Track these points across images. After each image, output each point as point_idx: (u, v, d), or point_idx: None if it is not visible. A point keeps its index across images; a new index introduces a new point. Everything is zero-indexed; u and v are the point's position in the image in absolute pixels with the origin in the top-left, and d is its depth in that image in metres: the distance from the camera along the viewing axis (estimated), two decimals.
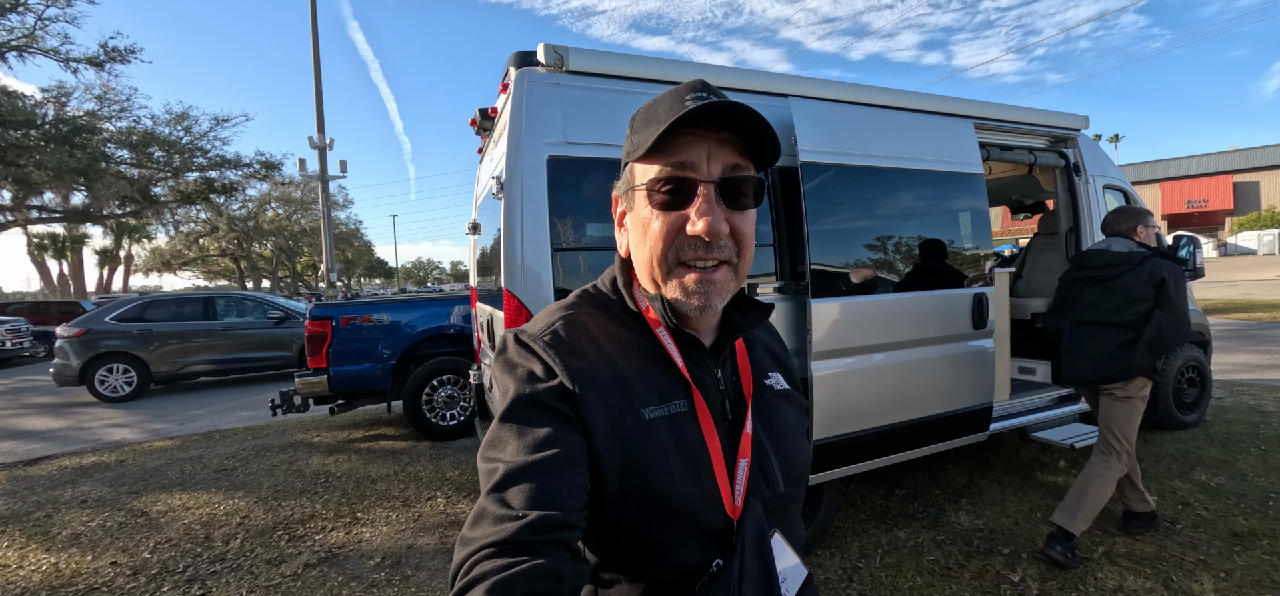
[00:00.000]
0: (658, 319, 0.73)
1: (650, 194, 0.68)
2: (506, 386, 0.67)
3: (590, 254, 2.39)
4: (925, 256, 3.01)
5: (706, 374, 0.74)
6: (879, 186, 2.87)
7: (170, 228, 31.34)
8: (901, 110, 3.07)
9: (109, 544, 3.48)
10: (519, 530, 0.56)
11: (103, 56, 18.63)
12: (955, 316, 3.07)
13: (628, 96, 2.50)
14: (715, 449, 0.70)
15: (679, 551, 0.68)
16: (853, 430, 2.76)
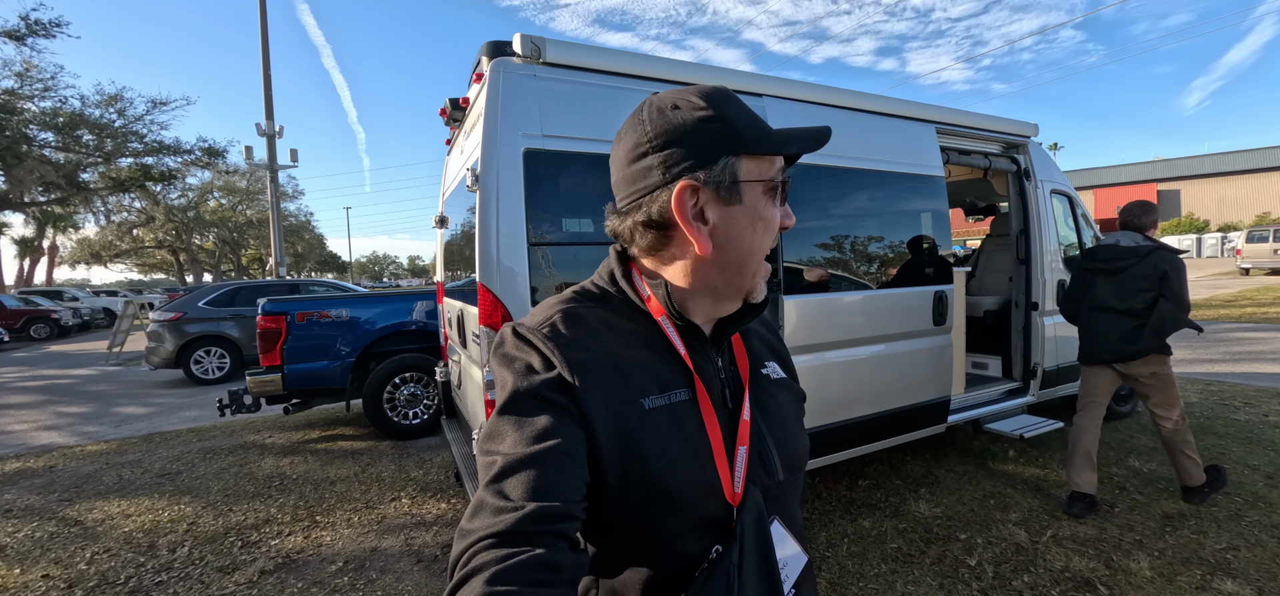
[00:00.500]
0: (661, 308, 0.73)
1: (771, 190, 0.69)
2: (505, 379, 0.67)
3: (566, 249, 2.37)
4: (895, 254, 3.12)
5: (707, 362, 0.75)
6: (847, 186, 2.95)
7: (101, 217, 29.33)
8: (870, 113, 3.17)
9: (40, 556, 3.23)
10: (517, 521, 0.57)
11: (23, 29, 17.24)
12: (918, 313, 3.19)
13: (605, 91, 2.49)
14: (716, 436, 0.70)
15: (680, 540, 0.68)
16: (821, 424, 2.84)
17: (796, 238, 2.71)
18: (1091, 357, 3.18)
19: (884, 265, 3.09)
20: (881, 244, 3.09)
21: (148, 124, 20.72)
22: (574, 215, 2.42)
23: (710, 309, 0.74)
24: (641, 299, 0.74)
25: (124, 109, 20.19)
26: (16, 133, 17.47)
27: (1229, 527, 2.90)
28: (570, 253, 2.38)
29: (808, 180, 2.78)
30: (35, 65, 18.51)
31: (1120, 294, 3.02)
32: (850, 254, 2.96)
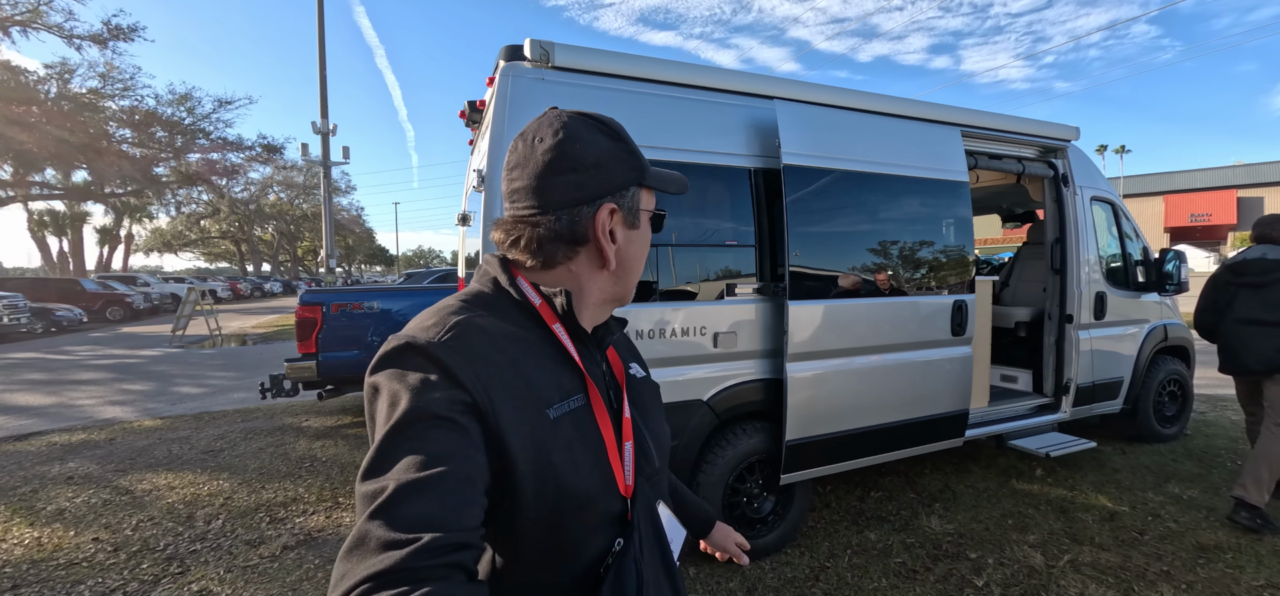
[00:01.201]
0: (554, 314, 0.74)
1: (654, 223, 0.81)
2: (397, 397, 0.61)
3: None
4: (911, 262, 3.04)
5: (594, 365, 0.78)
6: (862, 191, 2.89)
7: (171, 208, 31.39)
8: (888, 116, 3.09)
9: (92, 520, 3.52)
10: (410, 555, 0.52)
11: (106, 34, 18.62)
12: (934, 323, 3.10)
13: (614, 94, 2.53)
14: (609, 436, 0.73)
15: (587, 540, 0.70)
16: (827, 432, 2.79)
17: (805, 243, 2.68)
18: (1234, 369, 3.23)
19: (899, 272, 3.02)
20: (897, 250, 3.02)
21: (214, 121, 22.08)
22: None
23: (594, 316, 0.79)
24: (533, 305, 0.74)
25: (193, 108, 21.59)
26: (99, 129, 18.91)
27: (1270, 564, 2.70)
28: None
29: (818, 186, 2.75)
30: (116, 67, 20.02)
31: (1267, 306, 3.06)
32: (863, 260, 2.90)
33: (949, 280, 3.17)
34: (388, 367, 0.64)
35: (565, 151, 0.72)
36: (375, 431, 0.61)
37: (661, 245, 2.55)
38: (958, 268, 3.21)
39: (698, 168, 2.66)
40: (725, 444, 2.72)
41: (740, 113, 2.77)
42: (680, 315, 2.55)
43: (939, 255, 3.17)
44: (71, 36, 18.25)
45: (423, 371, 0.62)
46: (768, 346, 2.74)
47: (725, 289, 2.66)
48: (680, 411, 2.57)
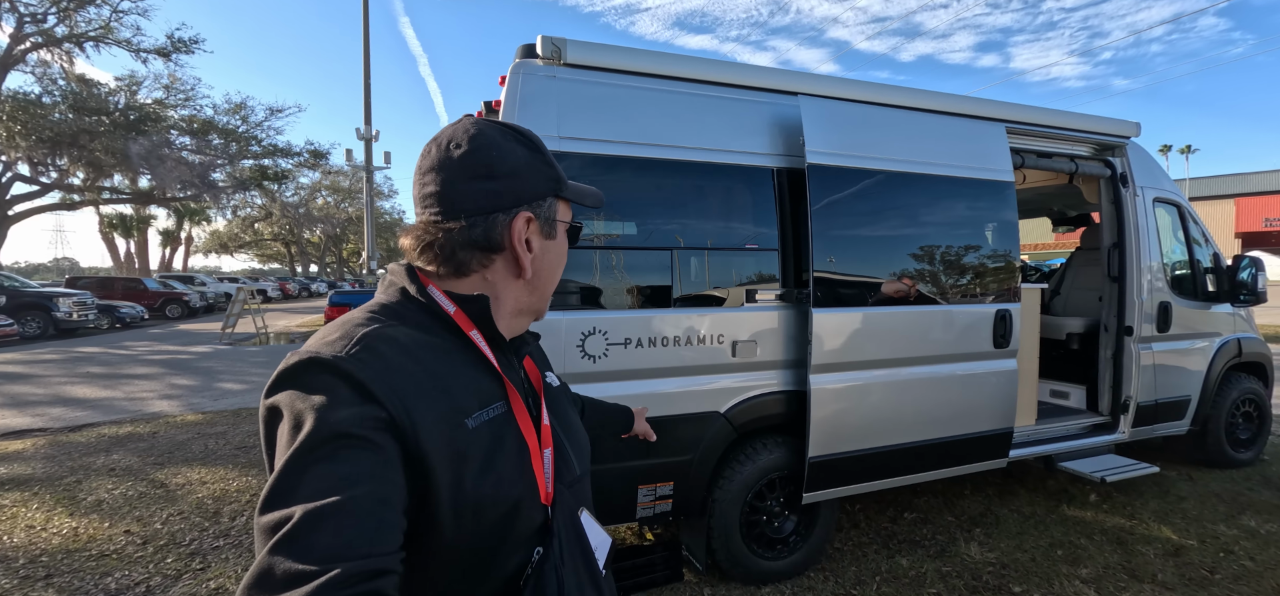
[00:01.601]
0: (471, 322, 0.72)
1: (571, 234, 0.82)
2: (300, 417, 0.56)
3: (579, 253, 2.33)
4: (949, 268, 2.84)
5: (513, 372, 0.77)
6: (894, 192, 2.70)
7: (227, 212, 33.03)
8: (923, 112, 2.89)
9: (127, 512, 3.63)
10: (322, 587, 0.47)
11: (169, 47, 19.73)
12: (974, 333, 2.88)
13: (629, 92, 2.43)
14: (532, 442, 0.72)
15: (507, 552, 0.68)
16: (853, 448, 2.62)
17: (832, 247, 2.52)
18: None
19: (935, 279, 2.81)
20: (933, 255, 2.81)
21: (265, 129, 23.13)
22: (591, 218, 2.37)
23: (510, 326, 0.78)
24: (447, 313, 0.72)
25: (247, 115, 22.67)
26: (162, 137, 20.04)
27: None
28: (586, 257, 2.34)
29: (846, 187, 2.58)
30: (178, 79, 21.21)
31: None
32: (895, 266, 2.71)
33: (991, 287, 2.94)
34: (289, 387, 0.59)
35: (481, 158, 0.71)
36: (276, 457, 0.56)
37: (677, 249, 2.44)
38: (1001, 274, 2.97)
39: (717, 167, 2.53)
40: (744, 458, 2.57)
41: (763, 110, 2.64)
42: (697, 322, 2.43)
43: (980, 260, 2.94)
44: (138, 50, 19.43)
45: (329, 389, 0.58)
46: (790, 356, 2.58)
47: (745, 295, 2.52)
48: (695, 423, 2.44)
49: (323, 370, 0.59)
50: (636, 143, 2.40)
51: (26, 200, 19.78)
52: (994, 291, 2.94)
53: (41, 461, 4.66)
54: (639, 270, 2.42)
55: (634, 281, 2.40)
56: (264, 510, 0.53)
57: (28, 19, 17.99)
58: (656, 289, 2.42)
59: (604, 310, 2.33)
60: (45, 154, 17.66)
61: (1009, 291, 2.97)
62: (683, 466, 2.45)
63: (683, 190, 2.52)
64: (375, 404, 0.58)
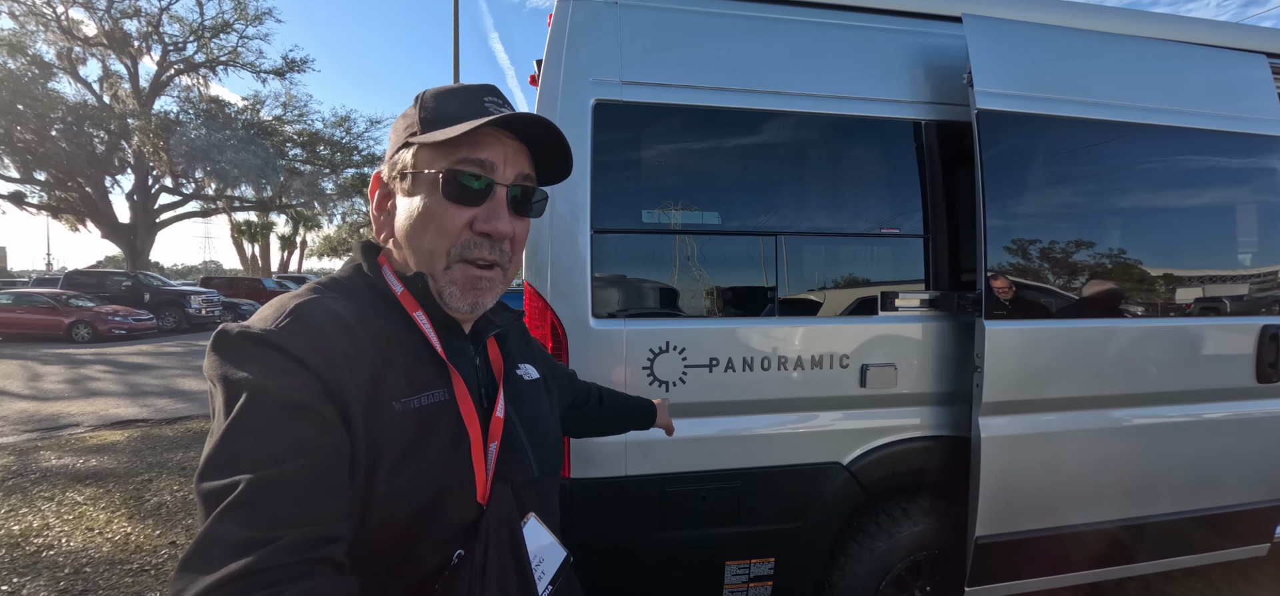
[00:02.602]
0: (416, 303, 0.71)
1: (446, 184, 0.69)
2: (237, 390, 0.55)
3: (649, 238, 1.71)
4: (1189, 263, 1.93)
5: (465, 359, 0.74)
6: (1106, 152, 1.84)
7: (336, 217, 35.87)
8: (1147, 40, 2.00)
9: (181, 519, 3.47)
10: (272, 553, 0.48)
11: (284, 67, 21.53)
12: (1227, 361, 1.94)
13: (711, 20, 1.78)
14: (475, 434, 0.69)
15: (426, 551, 0.64)
16: (1040, 526, 1.80)
17: (1012, 231, 1.72)
18: None
19: (1168, 281, 1.91)
20: (1162, 245, 1.92)
21: (366, 139, 24.68)
22: (663, 193, 1.75)
23: (457, 302, 0.73)
24: (393, 292, 0.71)
25: (350, 127, 24.29)
26: (279, 149, 21.91)
27: None
28: (655, 245, 1.72)
29: (1033, 145, 1.77)
30: (294, 97, 23.12)
31: None
32: (1107, 260, 1.85)
33: (1254, 294, 1.99)
34: (227, 360, 0.57)
35: (395, 123, 0.76)
36: (214, 425, 0.55)
37: (781, 235, 1.75)
38: (1269, 276, 2.01)
39: (837, 121, 1.82)
40: (876, 530, 1.83)
41: (902, 41, 1.88)
42: (810, 337, 1.73)
43: (1237, 253, 2.00)
44: (259, 71, 21.36)
45: (266, 361, 0.57)
46: (946, 388, 1.81)
47: (880, 300, 1.79)
48: (807, 478, 1.74)
49: (254, 342, 0.58)
50: (724, 88, 1.75)
51: (171, 209, 22.33)
52: (1260, 299, 1.99)
53: (128, 455, 4.74)
54: (728, 265, 1.76)
55: (721, 279, 1.75)
56: (205, 477, 0.52)
57: (171, 48, 20.28)
58: (752, 291, 1.75)
59: (680, 319, 1.69)
60: (184, 167, 19.80)
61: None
62: (788, 537, 1.75)
63: (788, 153, 1.83)
64: (308, 372, 0.57)
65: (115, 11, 18.85)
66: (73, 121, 17.78)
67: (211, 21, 20.35)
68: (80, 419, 6.16)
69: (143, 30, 19.74)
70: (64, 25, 18.46)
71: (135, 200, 20.83)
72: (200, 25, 20.29)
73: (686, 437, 1.67)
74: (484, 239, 0.70)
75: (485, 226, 0.69)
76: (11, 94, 16.56)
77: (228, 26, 20.55)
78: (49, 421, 6.08)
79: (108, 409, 6.61)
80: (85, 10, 18.63)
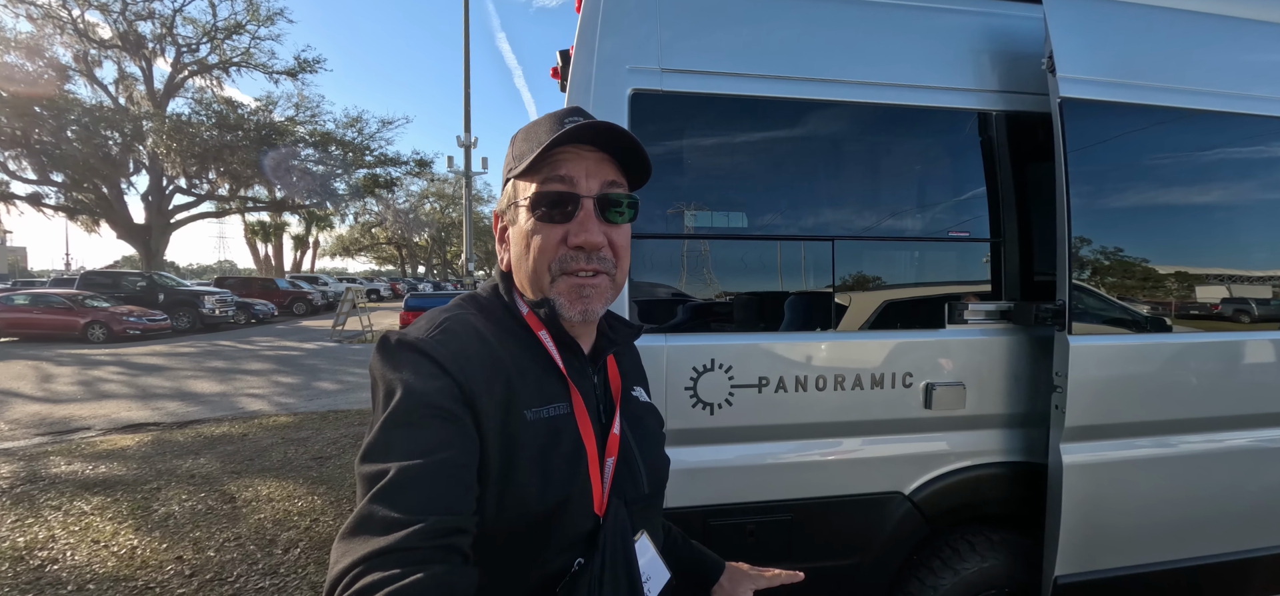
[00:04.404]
0: (540, 323, 0.77)
1: (533, 208, 0.75)
2: (393, 388, 0.64)
3: (690, 245, 1.55)
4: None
5: (584, 378, 0.79)
6: (1211, 146, 1.65)
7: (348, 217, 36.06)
8: (1261, 23, 1.79)
9: (189, 531, 3.36)
10: (409, 536, 0.54)
11: (297, 68, 21.57)
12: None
13: (759, 5, 1.61)
14: (591, 447, 0.73)
15: (550, 555, 0.69)
16: (1130, 564, 1.61)
17: (1104, 236, 1.53)
18: None
19: (1264, 285, 1.70)
20: (1262, 246, 1.71)
21: (378, 140, 24.69)
22: (708, 194, 1.58)
23: (584, 329, 0.80)
24: (521, 313, 0.78)
25: (362, 128, 24.31)
26: (291, 149, 21.96)
27: None
28: (699, 252, 1.55)
29: (1130, 135, 1.58)
30: (306, 98, 23.18)
31: None
32: (1211, 268, 1.64)
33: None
34: (387, 362, 0.67)
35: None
36: (373, 417, 0.65)
37: (836, 239, 1.58)
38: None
39: (893, 111, 1.64)
40: (940, 567, 1.65)
41: (969, 23, 1.70)
42: (868, 353, 1.55)
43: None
44: (272, 72, 21.44)
45: (414, 365, 0.65)
46: (1021, 410, 1.63)
47: (947, 311, 1.60)
48: (865, 509, 1.57)
49: (408, 349, 0.67)
50: (775, 76, 1.57)
51: (185, 210, 22.48)
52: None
53: (138, 461, 4.65)
54: (779, 274, 1.59)
55: (771, 290, 1.57)
56: (365, 460, 0.61)
57: (185, 50, 20.38)
58: (805, 302, 1.58)
59: (727, 334, 1.52)
60: (197, 168, 19.91)
61: None
62: (844, 575, 1.58)
63: (844, 149, 1.66)
64: (451, 379, 0.65)
65: (130, 14, 18.99)
66: (89, 123, 17.92)
67: (224, 23, 20.46)
68: (91, 422, 6.11)
69: (156, 32, 19.89)
70: (80, 28, 18.62)
71: (150, 201, 20.98)
72: (213, 26, 20.41)
73: (733, 465, 1.51)
74: (578, 251, 0.74)
75: (577, 239, 0.73)
76: (30, 96, 16.71)
77: (240, 27, 20.64)
78: (60, 424, 6.03)
79: (119, 412, 6.56)
80: (101, 13, 18.78)
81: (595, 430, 0.75)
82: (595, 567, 0.68)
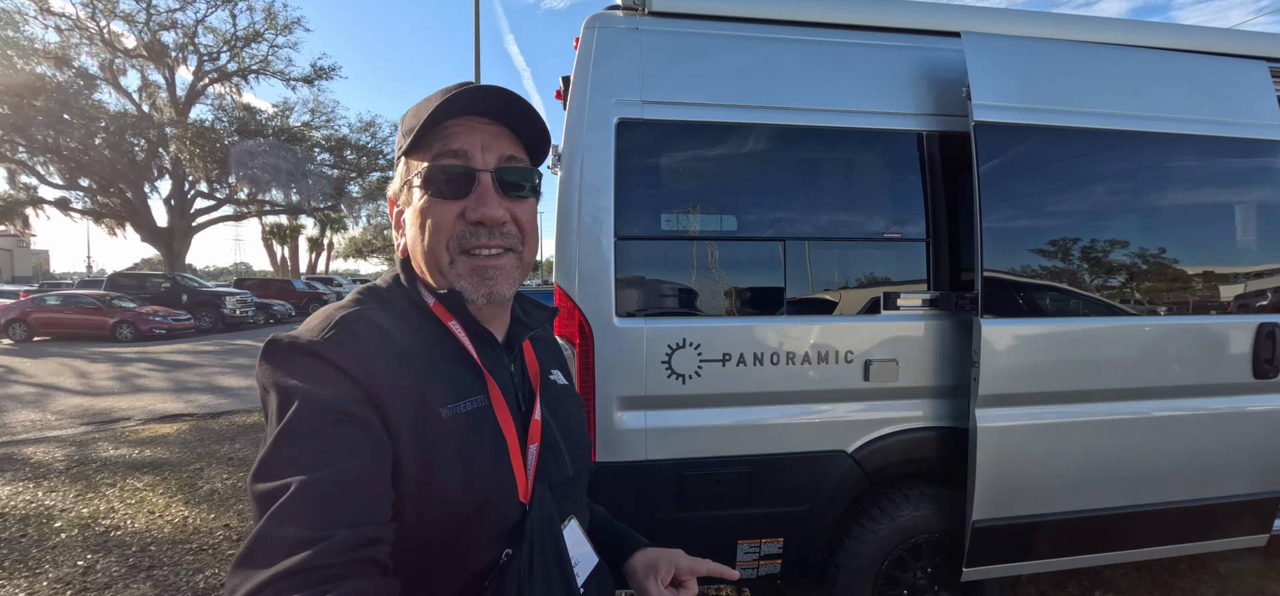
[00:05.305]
0: (449, 314, 0.73)
1: (426, 185, 0.70)
2: (289, 397, 0.58)
3: (667, 244, 1.87)
4: (1185, 264, 2.02)
5: (500, 366, 0.75)
6: (1101, 159, 1.95)
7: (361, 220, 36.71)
8: (1142, 50, 2.09)
9: (232, 505, 3.73)
10: (319, 553, 0.49)
11: (313, 75, 22.15)
12: (1223, 358, 2.03)
13: (730, 41, 1.94)
14: (512, 438, 0.70)
15: (476, 552, 0.66)
16: (1035, 512, 1.91)
17: (1008, 235, 1.84)
18: None
19: (1163, 279, 2.00)
20: (1157, 246, 2.01)
21: (390, 143, 25.22)
22: (680, 201, 1.91)
23: (495, 315, 0.77)
24: (427, 303, 0.74)
25: (375, 132, 24.89)
26: (307, 154, 22.56)
27: None
28: (672, 250, 1.87)
29: (1029, 153, 1.88)
30: (322, 103, 23.80)
31: None
32: (1101, 260, 1.95)
33: (1251, 293, 2.07)
34: (278, 369, 0.60)
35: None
36: (267, 431, 0.58)
37: (790, 240, 1.90)
38: (1268, 274, 2.08)
39: (844, 133, 1.96)
40: (879, 514, 1.97)
41: (906, 57, 2.01)
42: (817, 334, 1.87)
43: (1233, 253, 2.08)
44: (289, 79, 22.03)
45: (312, 371, 0.59)
46: (947, 382, 1.94)
47: (883, 300, 1.92)
48: (814, 465, 1.89)
49: (302, 353, 0.60)
50: (738, 105, 1.90)
51: (205, 213, 23.16)
52: (1255, 298, 2.07)
53: (180, 446, 5.06)
54: (741, 267, 1.91)
55: (734, 281, 1.90)
56: (258, 479, 0.54)
57: (206, 58, 21.03)
58: (763, 291, 1.90)
59: (696, 317, 1.85)
60: (217, 173, 20.53)
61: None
62: (796, 519, 1.90)
63: (798, 164, 1.98)
64: (351, 381, 0.59)
65: (154, 24, 19.65)
66: (115, 130, 18.58)
67: (244, 31, 21.09)
68: (130, 413, 6.55)
69: (179, 41, 20.54)
70: (106, 38, 19.31)
71: (172, 205, 21.66)
72: (233, 35, 21.04)
73: (701, 426, 1.83)
74: (479, 227, 0.69)
75: (475, 214, 0.69)
76: (59, 105, 17.39)
77: (259, 36, 21.26)
78: (102, 415, 6.47)
79: (155, 404, 7.00)
80: (126, 23, 19.47)
81: (515, 419, 0.72)
82: (523, 556, 0.65)
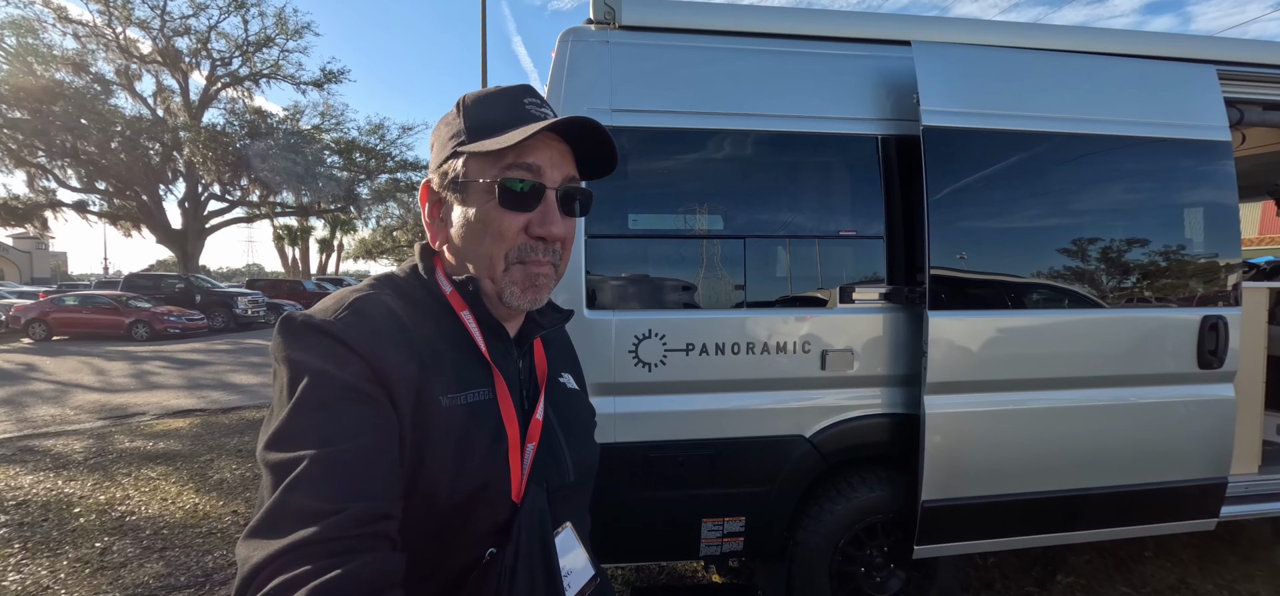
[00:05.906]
0: (463, 304, 0.73)
1: (500, 192, 0.69)
2: (300, 372, 0.59)
3: (636, 242, 2.01)
4: (1131, 259, 2.13)
5: (508, 361, 0.75)
6: (1045, 160, 2.06)
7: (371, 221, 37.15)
8: (1090, 56, 2.20)
9: (240, 493, 3.92)
10: (334, 524, 0.51)
11: (323, 78, 22.51)
12: (1169, 348, 2.13)
13: (698, 53, 2.07)
14: (513, 434, 0.70)
15: (459, 546, 0.66)
16: (983, 493, 2.03)
17: (956, 233, 1.96)
18: None
19: (1111, 273, 2.11)
20: (1104, 242, 2.12)
21: (399, 145, 25.60)
22: (647, 202, 2.04)
23: (512, 311, 0.75)
24: (443, 292, 0.74)
25: (384, 134, 25.24)
26: (317, 156, 22.93)
27: None
28: (640, 247, 2.01)
29: (975, 155, 2.00)
30: (331, 106, 24.19)
31: None
32: (1046, 257, 2.06)
33: (1196, 287, 2.17)
34: (292, 344, 0.61)
35: (432, 139, 0.77)
36: (276, 404, 0.59)
37: (751, 237, 2.03)
38: (1212, 269, 2.18)
39: (804, 138, 2.09)
40: (835, 495, 2.09)
41: (863, 66, 2.13)
42: (777, 326, 2.00)
43: (1179, 249, 2.19)
44: (299, 82, 22.41)
45: (325, 349, 0.60)
46: (899, 371, 2.06)
47: (840, 294, 2.04)
48: (774, 449, 2.01)
49: (315, 331, 0.61)
50: (704, 112, 2.03)
51: (218, 216, 23.60)
52: (1200, 292, 2.17)
53: (191, 439, 5.27)
54: (705, 263, 2.04)
55: (698, 276, 2.03)
56: (271, 448, 0.55)
57: (219, 62, 21.44)
58: (725, 286, 2.03)
59: (662, 310, 1.98)
60: (229, 175, 20.93)
61: (1223, 292, 2.17)
62: (757, 499, 2.03)
63: (761, 166, 2.10)
64: (362, 360, 0.60)
65: (168, 30, 20.09)
66: (130, 135, 19.01)
67: (255, 36, 21.49)
68: (145, 408, 6.79)
69: (193, 47, 20.97)
70: (122, 44, 19.76)
71: (186, 207, 22.11)
72: (245, 40, 21.44)
73: (667, 412, 1.97)
74: (539, 242, 0.70)
75: (540, 230, 0.70)
76: (77, 109, 17.84)
77: (270, 41, 21.65)
78: (118, 410, 6.72)
79: (169, 400, 7.24)
80: (141, 30, 19.92)
81: (518, 415, 0.71)
82: (508, 557, 0.64)
